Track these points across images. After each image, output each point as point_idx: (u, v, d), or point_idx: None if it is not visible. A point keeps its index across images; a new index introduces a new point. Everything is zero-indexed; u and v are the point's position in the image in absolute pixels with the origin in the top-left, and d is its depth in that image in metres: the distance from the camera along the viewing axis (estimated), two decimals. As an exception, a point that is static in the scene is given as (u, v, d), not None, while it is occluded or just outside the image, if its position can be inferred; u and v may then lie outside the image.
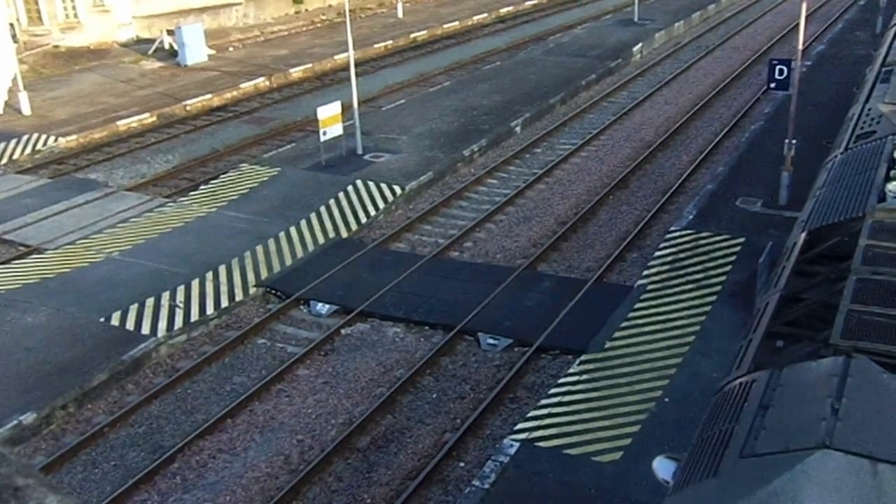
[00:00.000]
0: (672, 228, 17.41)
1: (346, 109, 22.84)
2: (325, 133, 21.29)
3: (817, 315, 7.03)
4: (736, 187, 19.41)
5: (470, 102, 27.36)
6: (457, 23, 44.08)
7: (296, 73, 33.90)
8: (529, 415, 11.90)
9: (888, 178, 9.28)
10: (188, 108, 29.26)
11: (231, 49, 39.60)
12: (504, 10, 47.60)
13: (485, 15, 46.20)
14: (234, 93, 31.12)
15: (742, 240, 16.62)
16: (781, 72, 18.95)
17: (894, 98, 12.53)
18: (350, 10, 23.53)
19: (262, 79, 32.61)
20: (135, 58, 36.65)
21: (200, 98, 29.96)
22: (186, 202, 20.39)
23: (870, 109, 12.57)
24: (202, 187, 21.43)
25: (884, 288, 6.87)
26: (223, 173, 22.37)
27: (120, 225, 19.19)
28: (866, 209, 8.41)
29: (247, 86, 31.73)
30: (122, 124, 27.31)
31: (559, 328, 14.23)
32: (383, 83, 31.79)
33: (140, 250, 17.67)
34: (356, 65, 24.12)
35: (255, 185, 21.12)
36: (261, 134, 26.24)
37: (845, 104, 15.67)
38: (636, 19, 39.98)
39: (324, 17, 48.38)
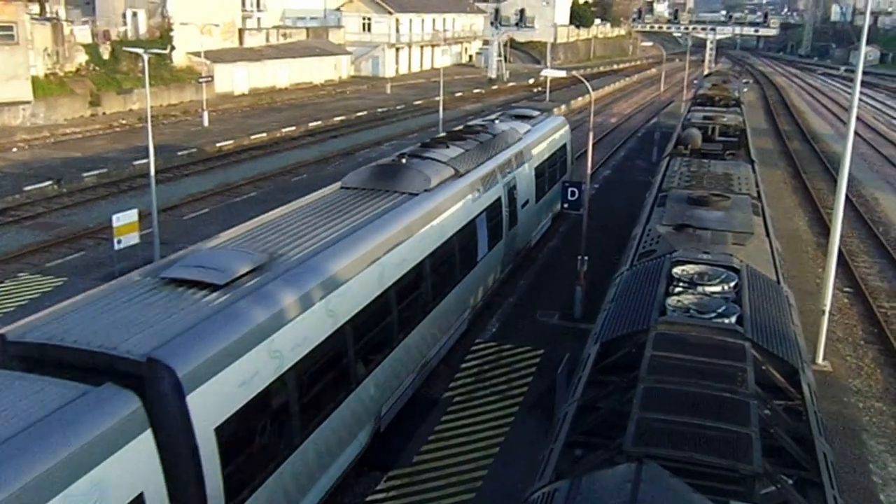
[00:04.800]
0: (477, 340, 17.79)
1: (145, 217, 21.86)
2: (119, 241, 20.13)
3: (611, 423, 7.30)
4: (535, 301, 20.28)
5: (276, 213, 27.04)
6: (265, 134, 44.14)
7: (89, 177, 32.20)
8: (334, 537, 11.36)
9: (668, 294, 10.03)
10: (-38, 210, 26.84)
11: (15, 150, 37.22)
12: (313, 125, 48.36)
13: (293, 128, 46.67)
14: (16, 196, 28.94)
15: (542, 351, 17.24)
16: (574, 193, 20.41)
17: (670, 220, 13.75)
18: (153, 116, 22.94)
19: (49, 182, 30.66)
20: None
21: (-24, 200, 27.62)
22: (-46, 314, 18.36)
23: (650, 230, 13.70)
24: (-26, 297, 19.44)
25: (668, 396, 7.27)
26: (-1, 283, 20.47)
27: None
28: (650, 322, 8.99)
29: (31, 189, 29.64)
30: None
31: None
32: (186, 192, 30.88)
33: None
34: (157, 172, 23.31)
35: (37, 296, 19.45)
36: (46, 241, 24.34)
37: (629, 224, 16.99)
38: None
39: (123, 122, 46.82)
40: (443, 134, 22.30)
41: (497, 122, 24.33)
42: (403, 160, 17.22)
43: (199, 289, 9.95)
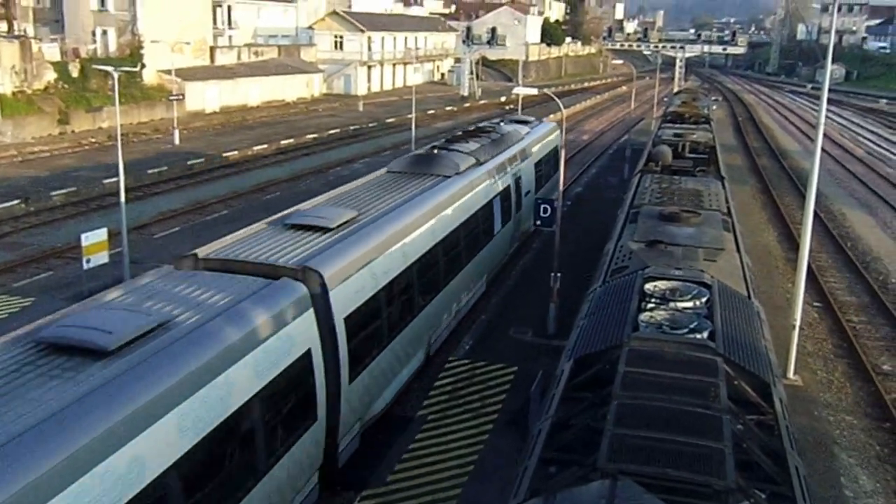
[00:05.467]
0: (450, 358, 17.73)
1: (115, 236, 21.61)
2: (88, 261, 19.88)
3: (585, 439, 7.29)
4: (509, 318, 20.28)
5: (248, 231, 26.85)
6: (236, 152, 43.94)
7: (57, 196, 31.81)
8: (307, 559, 11.23)
9: (640, 310, 10.06)
10: (-73, 230, 26.34)
11: (-17, 169, 36.65)
12: (285, 143, 48.21)
13: (265, 146, 46.50)
14: (-16, 215, 28.50)
15: (515, 368, 17.21)
16: (546, 210, 20.48)
17: (642, 237, 13.83)
18: (123, 134, 22.72)
19: (16, 201, 30.23)
20: None
21: (-57, 220, 27.13)
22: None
23: (622, 246, 13.77)
24: (-63, 319, 19.06)
25: (642, 412, 7.27)
26: (-36, 303, 20.11)
27: None
28: (623, 338, 9.00)
29: (-1, 208, 29.22)
30: None
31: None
32: (156, 210, 30.58)
33: None
34: (127, 190, 23.07)
35: (4, 316, 19.11)
36: (13, 261, 23.89)
37: (602, 240, 17.07)
38: (413, 157, 42.01)
39: (92, 140, 46.38)
40: (460, 132, 25.76)
41: (502, 124, 28.28)
42: (435, 151, 21.27)
43: (314, 231, 13.78)
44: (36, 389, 7.86)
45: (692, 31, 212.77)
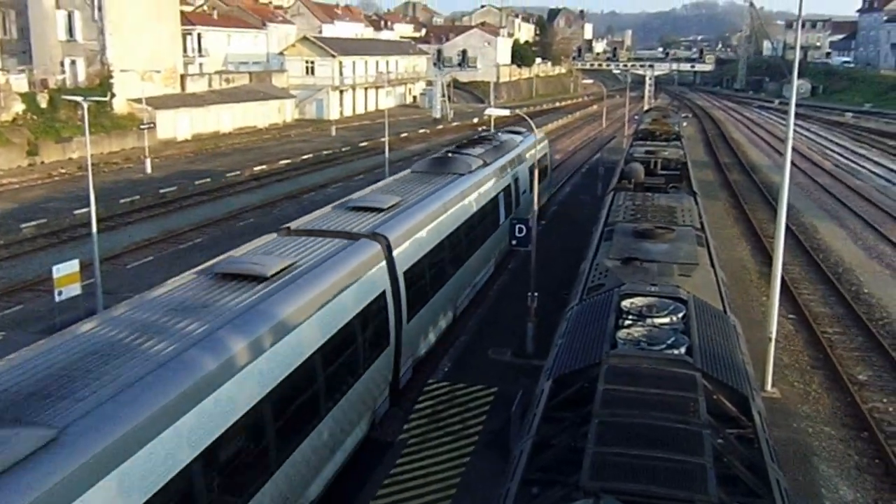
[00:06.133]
0: (429, 381, 17.64)
1: (87, 267, 21.33)
2: (60, 293, 19.59)
3: (567, 459, 7.25)
4: (487, 338, 20.23)
5: (223, 259, 26.63)
6: (209, 179, 43.69)
7: (27, 228, 31.41)
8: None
9: (618, 327, 10.07)
10: None
11: (-48, 202, 36.12)
12: (258, 169, 48.04)
13: (238, 172, 46.30)
14: (-47, 250, 28.06)
15: (495, 389, 17.15)
16: (521, 230, 20.51)
17: (617, 254, 13.89)
18: (93, 164, 22.48)
19: (-14, 235, 29.83)
20: None
21: (-90, 255, 26.63)
22: None
23: (598, 264, 13.81)
24: None
25: (622, 429, 7.25)
26: (-67, 339, 19.70)
27: None
28: (602, 356, 9.00)
29: (-33, 242, 28.77)
30: None
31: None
32: (129, 240, 30.29)
33: None
34: (99, 221, 22.82)
35: (-26, 351, 18.75)
36: (-18, 295, 23.60)
37: (578, 258, 17.12)
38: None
39: (63, 171, 45.96)
40: (465, 140, 30.23)
41: (499, 133, 32.72)
42: (449, 154, 25.48)
43: (372, 211, 17.56)
44: (227, 297, 11.63)
45: (660, 49, 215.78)
